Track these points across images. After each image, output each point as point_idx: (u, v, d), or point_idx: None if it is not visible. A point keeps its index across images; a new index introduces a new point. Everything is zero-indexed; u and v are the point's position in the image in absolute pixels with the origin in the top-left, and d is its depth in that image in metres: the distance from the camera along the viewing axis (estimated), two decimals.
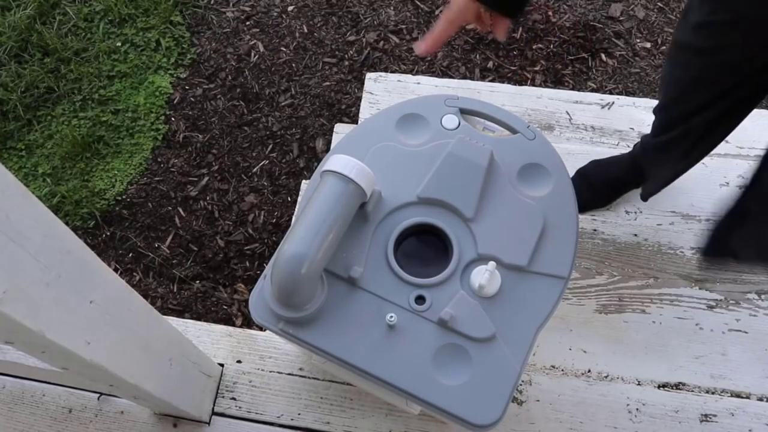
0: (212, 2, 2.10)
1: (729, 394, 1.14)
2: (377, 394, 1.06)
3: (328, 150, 1.73)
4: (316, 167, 1.77)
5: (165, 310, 1.57)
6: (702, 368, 1.16)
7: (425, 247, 0.89)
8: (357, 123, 1.62)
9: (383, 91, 1.63)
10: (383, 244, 0.86)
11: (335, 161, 0.81)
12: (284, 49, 1.99)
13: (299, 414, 1.11)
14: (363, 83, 1.71)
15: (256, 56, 1.97)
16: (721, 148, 1.47)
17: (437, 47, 0.82)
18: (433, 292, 0.84)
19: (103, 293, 0.70)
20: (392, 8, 2.05)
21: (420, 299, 0.83)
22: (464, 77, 1.88)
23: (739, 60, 0.92)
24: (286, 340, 0.85)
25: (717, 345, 1.18)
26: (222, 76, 1.95)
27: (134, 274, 1.65)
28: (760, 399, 1.14)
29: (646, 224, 1.33)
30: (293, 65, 1.95)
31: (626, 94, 1.84)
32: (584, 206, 1.33)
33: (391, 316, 0.81)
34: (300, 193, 1.52)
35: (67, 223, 1.06)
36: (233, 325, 1.52)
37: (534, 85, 1.86)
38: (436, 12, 2.02)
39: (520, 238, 0.86)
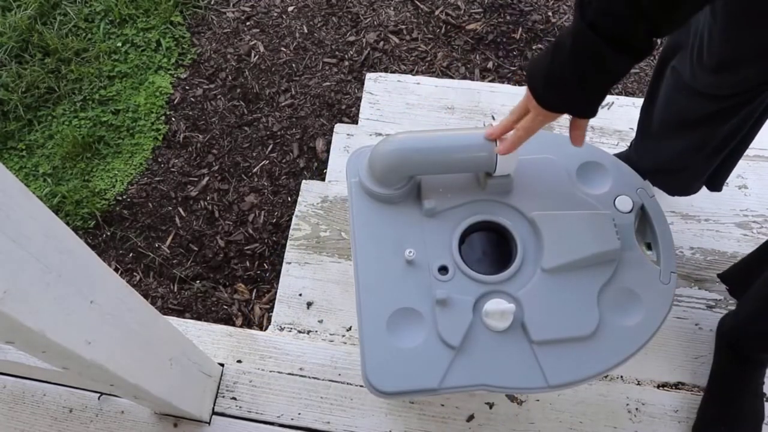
0: (212, 2, 2.10)
1: None
2: None
3: (328, 150, 1.73)
4: (316, 168, 1.77)
5: (165, 310, 1.57)
6: (701, 368, 1.16)
7: (488, 245, 0.92)
8: (357, 123, 1.63)
9: (383, 91, 1.63)
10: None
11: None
12: (284, 50, 1.99)
13: (299, 414, 1.11)
14: (363, 83, 1.71)
15: (256, 56, 1.98)
16: None
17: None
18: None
19: (103, 293, 0.71)
20: (392, 8, 2.05)
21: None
22: (464, 77, 1.88)
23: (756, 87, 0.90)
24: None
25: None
26: (222, 76, 1.95)
27: (135, 274, 1.65)
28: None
29: None
30: (293, 65, 1.95)
31: (626, 94, 1.84)
32: None
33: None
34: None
35: (67, 223, 1.06)
36: (233, 325, 1.52)
37: None
38: (436, 12, 2.02)
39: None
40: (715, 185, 1.19)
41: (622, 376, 1.16)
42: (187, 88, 1.94)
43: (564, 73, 0.73)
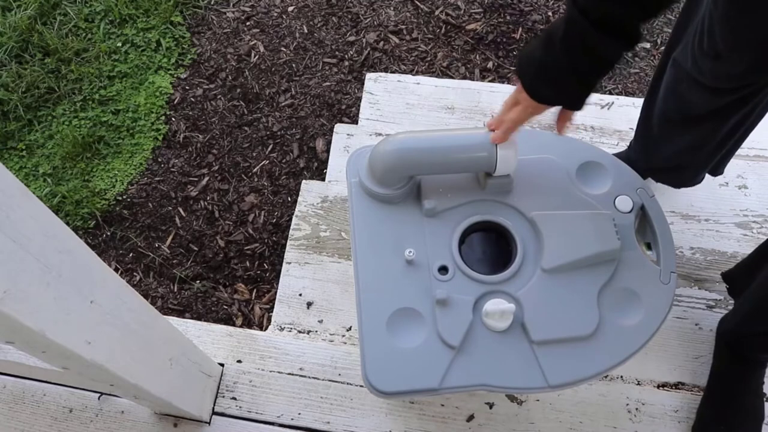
0: (212, 2, 2.10)
1: None
2: None
3: (328, 150, 1.73)
4: (316, 168, 1.77)
5: (165, 310, 1.57)
6: (701, 368, 1.16)
7: (486, 244, 0.91)
8: (357, 123, 1.63)
9: (383, 91, 1.63)
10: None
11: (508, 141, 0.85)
12: (284, 50, 1.99)
13: (299, 414, 1.11)
14: (363, 83, 1.71)
15: (257, 56, 1.98)
16: None
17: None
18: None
19: (103, 293, 0.71)
20: (392, 8, 2.05)
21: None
22: (464, 77, 1.88)
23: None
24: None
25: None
26: (222, 76, 1.95)
27: (135, 274, 1.65)
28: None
29: None
30: (293, 65, 1.95)
31: (626, 95, 1.84)
32: None
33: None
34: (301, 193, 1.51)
35: (67, 223, 1.06)
36: (233, 325, 1.52)
37: None
38: (436, 12, 2.02)
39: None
40: (715, 172, 1.19)
41: (622, 376, 1.16)
42: (187, 88, 1.94)
43: (556, 63, 0.73)
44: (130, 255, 1.67)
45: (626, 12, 0.67)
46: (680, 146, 1.09)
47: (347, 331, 1.25)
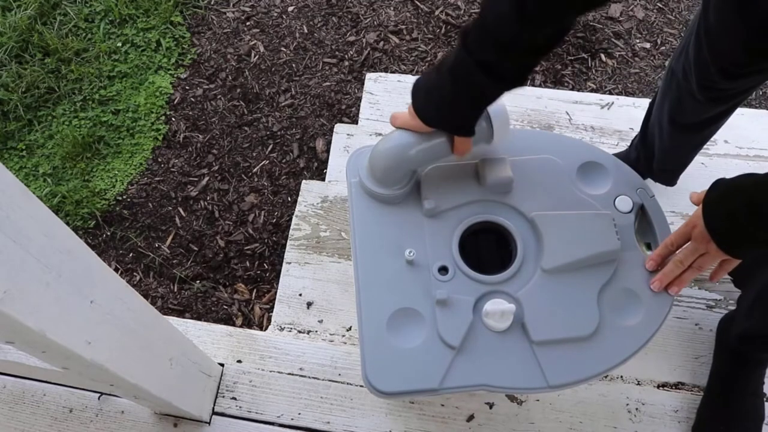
0: (212, 2, 2.10)
1: None
2: None
3: (328, 150, 1.73)
4: (316, 168, 1.77)
5: (165, 310, 1.57)
6: (701, 368, 1.16)
7: (485, 245, 0.91)
8: (357, 123, 1.63)
9: (383, 91, 1.63)
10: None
11: (498, 107, 0.85)
12: (284, 50, 1.99)
13: (299, 414, 1.11)
14: (363, 83, 1.71)
15: (257, 56, 1.98)
16: (721, 147, 1.47)
17: None
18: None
19: (103, 293, 0.71)
20: (392, 8, 2.05)
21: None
22: None
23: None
24: None
25: None
26: (222, 76, 1.95)
27: (135, 274, 1.65)
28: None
29: None
30: (293, 65, 1.96)
31: (626, 95, 1.84)
32: None
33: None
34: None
35: (67, 223, 1.06)
36: (233, 325, 1.52)
37: (534, 85, 1.86)
38: (436, 12, 2.02)
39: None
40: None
41: (622, 376, 1.16)
42: (187, 88, 1.94)
43: (444, 90, 0.76)
44: (130, 255, 1.67)
45: (502, 63, 0.71)
46: (678, 149, 1.10)
47: (347, 331, 1.25)
